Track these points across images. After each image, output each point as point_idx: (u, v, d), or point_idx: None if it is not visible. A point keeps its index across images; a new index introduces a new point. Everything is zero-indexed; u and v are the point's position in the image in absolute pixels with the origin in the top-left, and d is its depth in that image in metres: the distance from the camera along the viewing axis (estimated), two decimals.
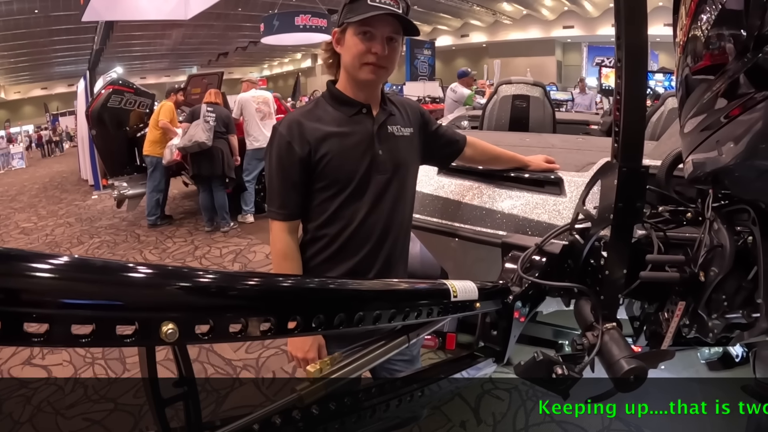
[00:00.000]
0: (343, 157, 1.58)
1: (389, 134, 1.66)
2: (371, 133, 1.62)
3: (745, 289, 1.18)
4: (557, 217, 2.04)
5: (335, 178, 1.59)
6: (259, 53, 36.63)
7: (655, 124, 3.76)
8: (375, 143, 1.62)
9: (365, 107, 1.64)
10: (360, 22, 1.49)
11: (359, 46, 1.52)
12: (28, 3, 19.00)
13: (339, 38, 1.59)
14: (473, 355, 1.36)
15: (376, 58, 1.53)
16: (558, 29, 25.88)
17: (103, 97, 7.14)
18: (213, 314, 0.62)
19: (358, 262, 1.65)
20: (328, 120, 1.61)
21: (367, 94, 1.64)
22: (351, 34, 1.53)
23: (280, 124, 1.62)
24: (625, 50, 1.14)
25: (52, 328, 0.53)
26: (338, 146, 1.57)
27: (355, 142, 1.60)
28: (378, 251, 1.67)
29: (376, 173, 1.62)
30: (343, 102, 1.64)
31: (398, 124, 1.70)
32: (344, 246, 1.64)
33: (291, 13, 15.03)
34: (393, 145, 1.66)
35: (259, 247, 6.04)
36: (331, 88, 1.67)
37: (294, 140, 1.55)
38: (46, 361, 3.68)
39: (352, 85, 1.62)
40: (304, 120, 1.59)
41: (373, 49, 1.52)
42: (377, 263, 1.68)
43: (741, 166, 0.99)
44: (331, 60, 1.67)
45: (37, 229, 7.90)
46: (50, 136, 24.15)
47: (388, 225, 1.67)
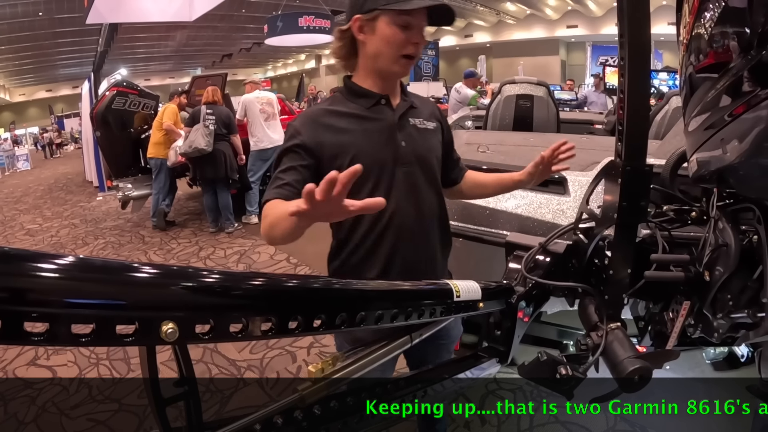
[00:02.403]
0: (363, 150, 1.47)
1: (411, 126, 1.57)
2: (392, 123, 1.53)
3: (750, 288, 1.18)
4: (561, 217, 2.03)
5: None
6: (263, 54, 36.65)
7: (659, 122, 3.75)
8: (396, 134, 1.52)
9: (383, 98, 1.54)
10: (400, 12, 1.39)
11: (398, 36, 1.42)
12: (33, 5, 19.05)
13: (363, 25, 1.44)
14: (477, 355, 1.35)
15: (416, 50, 1.46)
16: (562, 29, 25.78)
17: (107, 98, 7.17)
18: (213, 314, 0.62)
19: (392, 260, 1.55)
20: (345, 114, 1.51)
21: (387, 85, 1.55)
22: (387, 22, 1.41)
23: (296, 120, 1.52)
24: (628, 49, 1.13)
25: (52, 327, 0.53)
26: (357, 138, 1.48)
27: (376, 134, 1.51)
28: (413, 247, 1.57)
29: (401, 165, 1.52)
30: (360, 94, 1.54)
31: (421, 117, 1.61)
32: (377, 244, 1.54)
33: (294, 14, 15.02)
34: (416, 136, 1.57)
35: (263, 248, 6.04)
36: (347, 82, 1.58)
37: (307, 135, 1.46)
38: (51, 361, 3.68)
39: (374, 76, 1.52)
40: (320, 116, 1.50)
41: (413, 39, 1.44)
42: (416, 259, 1.57)
43: (746, 164, 0.99)
44: (345, 49, 1.53)
45: (42, 230, 7.92)
46: (51, 138, 24.20)
47: (420, 219, 1.57)
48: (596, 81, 11.35)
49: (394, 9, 1.39)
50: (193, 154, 6.13)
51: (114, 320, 0.56)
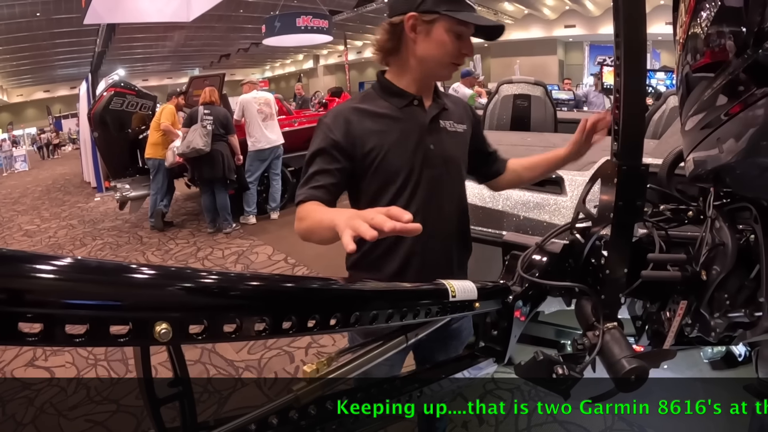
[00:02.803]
0: (393, 151, 1.49)
1: (442, 128, 1.57)
2: (423, 125, 1.53)
3: (747, 287, 1.18)
4: (558, 216, 2.03)
5: (385, 172, 1.50)
6: (261, 55, 36.64)
7: (657, 122, 3.76)
8: (426, 137, 1.52)
9: (417, 98, 1.54)
10: (458, 21, 1.41)
11: (453, 44, 1.44)
12: (30, 6, 19.03)
13: (418, 24, 1.44)
14: (474, 355, 1.35)
15: (463, 60, 1.48)
16: (560, 28, 25.81)
17: (105, 99, 7.18)
18: (207, 314, 0.62)
19: (411, 259, 1.56)
20: (377, 112, 1.51)
21: (423, 86, 1.56)
22: (444, 28, 1.42)
23: (327, 116, 1.52)
24: (624, 47, 1.13)
25: (47, 328, 0.53)
26: (387, 139, 1.49)
27: (406, 135, 1.51)
28: (433, 248, 1.58)
29: (428, 168, 1.52)
30: (394, 93, 1.54)
31: (452, 119, 1.61)
32: (397, 242, 1.54)
33: (292, 14, 15.02)
34: (445, 139, 1.57)
35: (261, 248, 6.04)
36: (381, 79, 1.58)
37: (340, 133, 1.46)
38: (50, 362, 3.69)
39: (413, 75, 1.53)
40: (351, 112, 1.50)
41: (464, 50, 1.46)
42: (434, 260, 1.59)
43: (742, 164, 0.98)
44: (391, 43, 1.51)
45: (40, 231, 7.92)
46: (49, 138, 24.19)
47: (442, 221, 1.57)
48: (595, 81, 11.29)
49: (455, 18, 1.40)
50: (191, 154, 6.13)
51: (108, 321, 0.56)
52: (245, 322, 0.64)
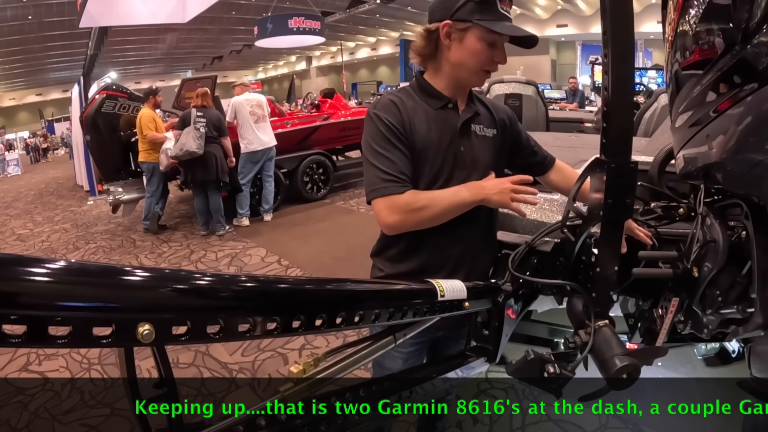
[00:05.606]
0: (429, 147, 1.51)
1: (472, 132, 1.58)
2: (455, 128, 1.55)
3: (739, 284, 1.18)
4: (549, 215, 2.03)
5: (417, 167, 1.51)
6: (254, 56, 36.64)
7: (648, 120, 3.77)
8: (457, 139, 1.54)
9: (452, 102, 1.57)
10: (491, 30, 1.43)
11: (486, 53, 1.47)
12: (22, 9, 18.98)
13: (452, 32, 1.47)
14: (465, 354, 1.35)
15: (496, 67, 1.50)
16: (552, 28, 25.87)
17: (97, 102, 7.14)
18: (189, 315, 0.61)
19: (433, 256, 1.56)
20: (415, 110, 1.53)
21: (458, 90, 1.58)
22: (476, 37, 1.45)
23: (374, 107, 1.53)
24: (612, 46, 1.13)
25: (30, 329, 0.53)
26: (426, 134, 1.51)
27: (439, 136, 1.52)
28: (455, 248, 1.58)
29: (457, 169, 1.54)
30: (431, 95, 1.57)
31: (482, 123, 1.62)
32: (420, 240, 1.55)
33: (284, 16, 15.01)
34: (475, 143, 1.58)
35: (254, 251, 6.03)
36: (419, 79, 1.61)
37: (394, 118, 1.48)
38: (43, 367, 3.66)
39: (448, 80, 1.56)
40: (397, 103, 1.52)
41: (496, 58, 1.48)
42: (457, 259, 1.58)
43: (732, 160, 0.99)
44: (428, 49, 1.55)
45: (33, 235, 7.87)
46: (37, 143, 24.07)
47: (467, 222, 1.56)
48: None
49: (491, 28, 1.42)
50: (184, 156, 6.12)
51: (91, 322, 0.56)
52: (229, 324, 0.64)
